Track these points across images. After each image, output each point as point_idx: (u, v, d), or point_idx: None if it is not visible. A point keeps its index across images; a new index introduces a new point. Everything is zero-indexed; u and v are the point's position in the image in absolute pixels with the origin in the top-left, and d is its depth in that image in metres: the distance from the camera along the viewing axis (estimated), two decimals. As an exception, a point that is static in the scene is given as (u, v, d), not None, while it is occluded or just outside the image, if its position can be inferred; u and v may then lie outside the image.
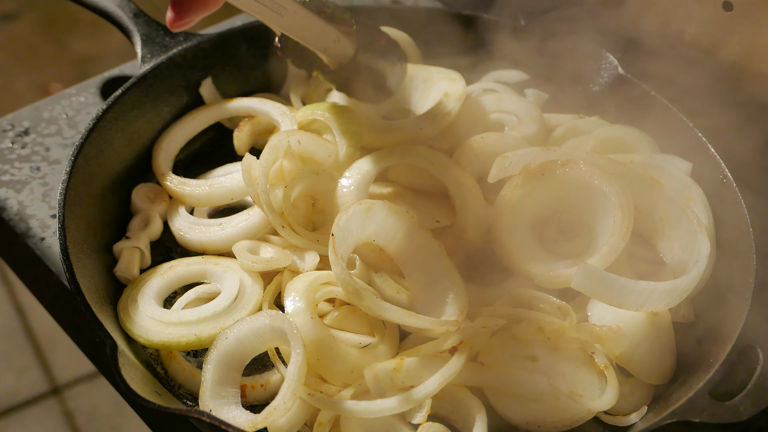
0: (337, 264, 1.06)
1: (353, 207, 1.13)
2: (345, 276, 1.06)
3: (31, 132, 1.52)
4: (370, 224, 1.16)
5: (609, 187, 1.16)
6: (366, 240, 1.17)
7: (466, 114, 1.40)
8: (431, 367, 1.06)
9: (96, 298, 1.12)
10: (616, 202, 1.15)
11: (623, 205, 1.14)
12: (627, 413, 1.10)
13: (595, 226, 1.20)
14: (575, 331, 1.11)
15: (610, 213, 1.16)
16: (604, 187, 1.17)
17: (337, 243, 1.08)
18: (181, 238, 1.28)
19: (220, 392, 1.06)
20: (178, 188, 1.32)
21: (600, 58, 1.49)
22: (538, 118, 1.42)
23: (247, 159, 1.23)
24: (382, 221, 1.16)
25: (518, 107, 1.44)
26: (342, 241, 1.10)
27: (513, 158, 1.21)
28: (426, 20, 1.56)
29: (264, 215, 1.24)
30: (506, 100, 1.45)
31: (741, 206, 1.22)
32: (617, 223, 1.14)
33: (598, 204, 1.18)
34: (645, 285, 1.08)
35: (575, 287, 1.07)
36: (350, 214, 1.12)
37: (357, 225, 1.14)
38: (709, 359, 1.09)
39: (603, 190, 1.17)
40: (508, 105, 1.44)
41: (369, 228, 1.16)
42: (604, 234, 1.17)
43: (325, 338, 1.07)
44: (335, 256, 1.06)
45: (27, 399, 2.70)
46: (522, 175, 1.21)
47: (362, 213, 1.14)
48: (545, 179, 1.20)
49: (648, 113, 1.41)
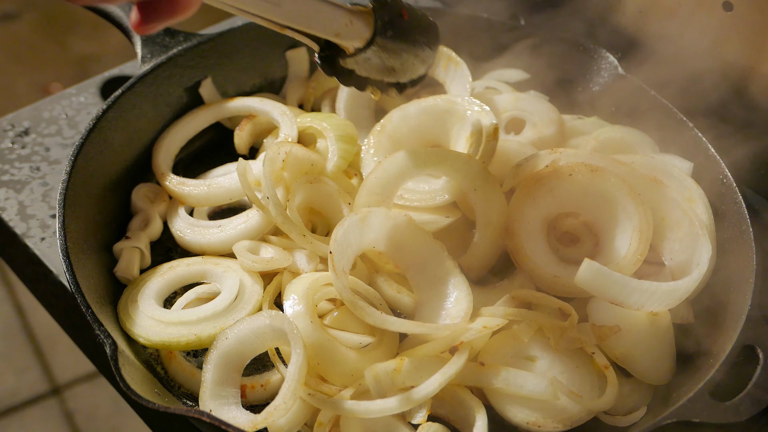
0: (339, 281, 1.05)
1: (349, 219, 1.12)
2: (348, 294, 1.06)
3: (31, 132, 1.52)
4: (369, 232, 1.15)
5: (632, 208, 1.16)
6: (365, 248, 1.17)
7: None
8: (431, 367, 1.06)
9: (96, 298, 1.12)
10: (636, 225, 1.15)
11: (642, 230, 1.15)
12: (627, 413, 1.10)
13: (607, 237, 1.20)
14: (575, 331, 1.11)
15: (627, 233, 1.17)
16: (629, 207, 1.16)
17: (336, 259, 1.07)
18: (180, 240, 1.28)
19: (220, 392, 1.06)
20: (177, 188, 1.31)
21: (600, 58, 1.49)
22: (556, 119, 1.41)
23: (242, 164, 1.23)
24: (379, 228, 1.16)
25: (536, 108, 1.43)
26: (341, 255, 1.09)
27: (524, 165, 1.21)
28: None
29: (263, 217, 1.24)
30: (524, 100, 1.44)
31: (741, 206, 1.22)
32: (632, 246, 1.14)
33: (617, 218, 1.18)
34: (647, 285, 1.08)
35: (578, 283, 1.07)
36: (347, 227, 1.11)
37: (355, 235, 1.13)
38: (709, 359, 1.09)
39: (627, 209, 1.17)
40: (526, 105, 1.43)
41: (367, 237, 1.15)
42: (615, 249, 1.17)
43: (325, 342, 1.07)
44: (335, 273, 1.05)
45: (27, 399, 2.70)
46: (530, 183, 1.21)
47: (359, 223, 1.13)
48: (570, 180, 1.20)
49: (648, 113, 1.41)
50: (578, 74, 1.51)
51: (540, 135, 1.39)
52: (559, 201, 1.22)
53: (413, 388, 1.03)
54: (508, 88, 1.51)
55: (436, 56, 1.29)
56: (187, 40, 1.46)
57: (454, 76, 1.45)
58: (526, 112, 1.43)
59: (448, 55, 1.45)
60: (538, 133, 1.39)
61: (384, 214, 1.15)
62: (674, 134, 1.36)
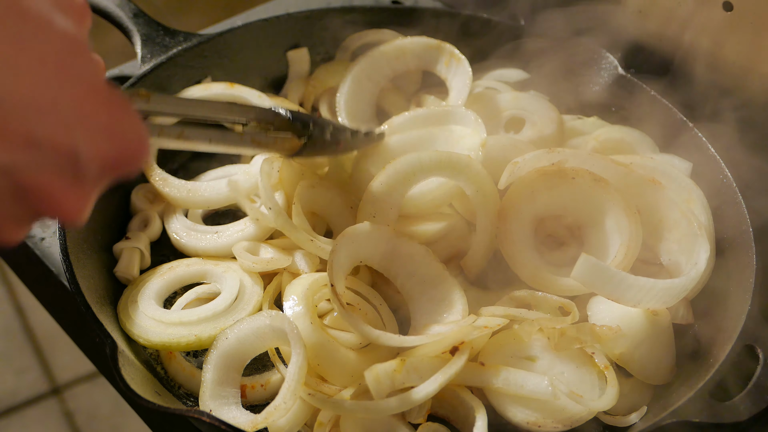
0: (344, 313, 1.05)
1: (339, 242, 1.11)
2: (351, 320, 1.05)
3: (31, 132, 1.51)
4: (357, 250, 1.14)
5: (622, 221, 1.16)
6: (355, 264, 1.16)
7: (482, 112, 1.38)
8: (431, 367, 1.06)
9: (96, 298, 1.12)
10: (624, 241, 1.15)
11: (630, 246, 1.15)
12: (627, 413, 1.10)
13: (592, 245, 1.20)
14: (575, 331, 1.11)
15: (615, 245, 1.17)
16: (620, 221, 1.17)
17: (337, 288, 1.07)
18: (177, 242, 1.27)
19: (220, 392, 1.06)
20: (158, 184, 1.30)
21: (600, 58, 1.49)
22: (556, 118, 1.41)
23: (232, 182, 1.24)
24: (364, 242, 1.15)
25: (536, 107, 1.43)
26: (339, 281, 1.09)
27: (522, 163, 1.22)
28: (426, 20, 1.56)
29: (259, 227, 1.24)
30: (524, 99, 1.44)
31: (741, 206, 1.22)
32: (617, 259, 1.15)
33: (606, 229, 1.19)
34: (644, 281, 1.08)
35: (575, 278, 1.07)
36: (338, 250, 1.10)
37: (344, 256, 1.12)
38: (709, 359, 1.09)
39: (617, 222, 1.17)
40: (526, 104, 1.43)
41: (356, 254, 1.15)
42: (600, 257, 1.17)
43: (325, 343, 1.07)
44: (340, 306, 1.05)
45: (27, 399, 2.70)
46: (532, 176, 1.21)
47: (348, 243, 1.12)
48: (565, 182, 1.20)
49: (648, 113, 1.41)
50: (578, 74, 1.51)
51: (540, 134, 1.38)
52: (555, 201, 1.22)
53: (413, 388, 1.03)
54: (507, 88, 1.51)
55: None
56: (187, 40, 1.46)
57: (456, 72, 1.44)
58: (526, 111, 1.43)
59: (451, 51, 1.45)
60: (538, 132, 1.39)
61: (366, 229, 1.14)
62: (674, 134, 1.36)
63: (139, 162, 0.72)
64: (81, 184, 0.67)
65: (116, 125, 0.69)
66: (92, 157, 0.67)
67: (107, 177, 0.70)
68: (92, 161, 0.67)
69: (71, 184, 0.67)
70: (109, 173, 0.70)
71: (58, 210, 0.67)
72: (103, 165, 0.68)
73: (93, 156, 0.67)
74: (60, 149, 0.64)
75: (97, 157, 0.67)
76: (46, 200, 0.66)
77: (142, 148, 0.71)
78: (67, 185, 0.66)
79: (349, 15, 1.56)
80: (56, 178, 0.66)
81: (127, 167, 0.71)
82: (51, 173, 0.65)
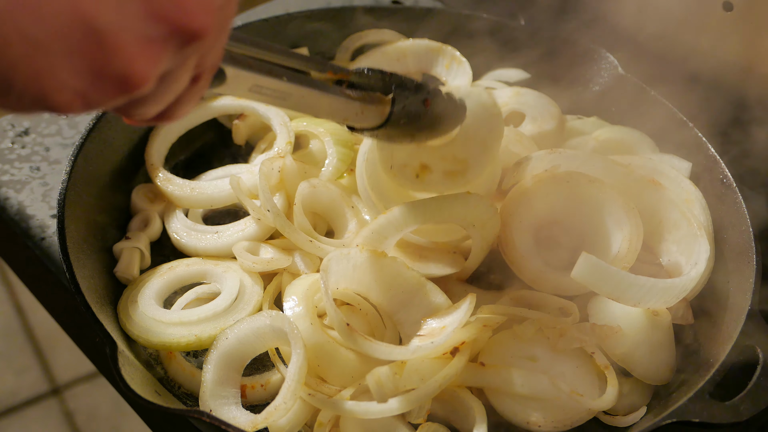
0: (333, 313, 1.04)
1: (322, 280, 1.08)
2: (350, 339, 1.04)
3: (31, 132, 1.52)
4: (332, 277, 1.12)
5: (621, 217, 1.17)
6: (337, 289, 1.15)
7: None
8: (432, 368, 1.06)
9: (96, 298, 1.12)
10: (626, 235, 1.16)
11: (632, 240, 1.15)
12: (627, 413, 1.10)
13: (593, 243, 1.20)
14: (575, 331, 1.11)
15: (617, 241, 1.17)
16: (618, 217, 1.17)
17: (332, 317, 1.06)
18: (177, 242, 1.27)
19: (220, 392, 1.06)
20: (162, 184, 1.30)
21: (600, 58, 1.49)
22: (556, 114, 1.41)
23: (234, 179, 1.23)
24: (336, 269, 1.12)
25: (537, 102, 1.43)
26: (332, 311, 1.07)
27: (525, 164, 1.22)
28: (426, 20, 1.56)
29: (261, 225, 1.24)
30: (525, 94, 1.44)
31: (741, 206, 1.22)
32: (621, 252, 1.15)
33: (607, 226, 1.19)
34: (644, 280, 1.08)
35: (575, 278, 1.07)
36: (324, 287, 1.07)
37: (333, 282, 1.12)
38: (709, 359, 1.09)
39: (619, 218, 1.17)
40: (526, 99, 1.43)
41: (334, 282, 1.13)
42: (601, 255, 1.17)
43: (325, 344, 1.07)
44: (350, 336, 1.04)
45: (27, 399, 2.70)
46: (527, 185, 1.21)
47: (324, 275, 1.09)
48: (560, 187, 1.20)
49: (648, 113, 1.41)
50: (578, 74, 1.51)
51: (540, 129, 1.38)
52: (553, 206, 1.22)
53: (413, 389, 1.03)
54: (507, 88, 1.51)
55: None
56: (187, 40, 1.45)
57: (456, 74, 1.44)
58: (526, 106, 1.43)
59: (452, 53, 1.45)
60: (538, 128, 1.39)
61: (336, 255, 1.12)
62: (674, 134, 1.36)
63: (205, 33, 0.69)
64: (150, 44, 0.66)
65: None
66: (159, 17, 0.66)
67: (174, 45, 0.68)
68: (159, 22, 0.66)
69: (140, 42, 0.66)
70: (176, 41, 0.68)
71: (128, 66, 0.65)
72: (171, 30, 0.67)
73: (159, 16, 0.66)
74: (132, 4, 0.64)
75: (163, 18, 0.66)
76: (120, 55, 0.64)
77: (208, 18, 0.69)
78: (137, 41, 0.65)
79: (349, 15, 1.57)
80: (129, 33, 0.65)
81: (194, 39, 0.69)
82: (126, 27, 0.64)
